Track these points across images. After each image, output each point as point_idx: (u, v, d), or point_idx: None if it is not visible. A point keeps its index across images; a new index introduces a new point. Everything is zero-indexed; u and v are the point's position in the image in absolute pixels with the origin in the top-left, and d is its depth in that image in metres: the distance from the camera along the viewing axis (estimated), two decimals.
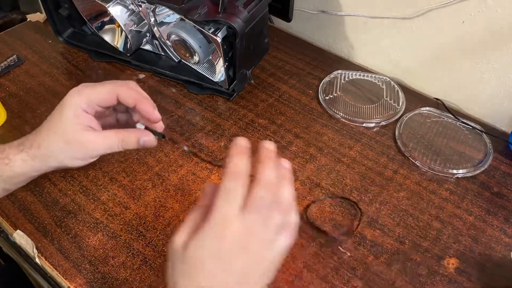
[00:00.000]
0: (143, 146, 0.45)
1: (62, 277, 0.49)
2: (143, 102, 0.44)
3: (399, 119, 0.69)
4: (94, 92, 0.44)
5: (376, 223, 0.56)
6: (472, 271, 0.52)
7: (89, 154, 0.45)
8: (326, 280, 0.50)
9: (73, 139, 0.44)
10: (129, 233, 0.53)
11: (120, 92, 0.44)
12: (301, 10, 0.84)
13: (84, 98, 0.44)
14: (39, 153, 0.45)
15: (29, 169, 0.46)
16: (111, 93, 0.44)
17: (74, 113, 0.44)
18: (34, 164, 0.45)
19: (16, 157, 0.45)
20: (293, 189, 0.37)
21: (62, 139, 0.44)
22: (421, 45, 0.73)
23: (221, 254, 0.32)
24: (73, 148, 0.44)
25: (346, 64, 0.81)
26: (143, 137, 0.45)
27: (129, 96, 0.44)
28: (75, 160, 0.46)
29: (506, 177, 0.62)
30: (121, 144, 0.45)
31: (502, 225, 0.56)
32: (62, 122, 0.44)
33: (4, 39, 0.82)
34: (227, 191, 0.34)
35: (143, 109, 0.44)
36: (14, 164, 0.45)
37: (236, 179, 0.35)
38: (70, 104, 0.44)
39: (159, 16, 0.69)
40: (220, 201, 0.34)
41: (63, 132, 0.44)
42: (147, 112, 0.44)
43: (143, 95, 0.46)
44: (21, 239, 0.52)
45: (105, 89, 0.45)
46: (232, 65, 0.66)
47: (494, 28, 0.63)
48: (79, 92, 0.44)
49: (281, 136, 0.66)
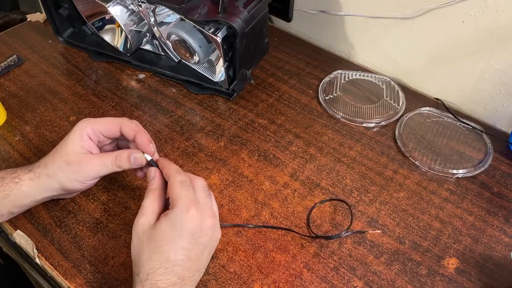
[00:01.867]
0: (134, 163, 0.49)
1: (62, 277, 0.49)
2: (142, 135, 0.49)
3: (399, 119, 0.69)
4: (100, 122, 0.50)
5: (376, 223, 0.56)
6: (472, 271, 0.52)
7: (86, 174, 0.49)
8: (326, 280, 0.50)
9: (72, 160, 0.48)
10: (129, 233, 0.53)
11: (123, 125, 0.49)
12: (301, 10, 0.84)
13: (90, 124, 0.49)
14: (43, 172, 0.49)
15: (35, 190, 0.49)
16: (116, 124, 0.50)
17: (79, 137, 0.49)
18: (39, 182, 0.49)
19: (25, 176, 0.49)
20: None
21: (63, 159, 0.49)
22: (421, 45, 0.73)
23: (186, 232, 0.42)
24: (71, 168, 0.49)
25: (346, 64, 0.81)
26: (133, 154, 0.49)
27: (130, 128, 0.49)
28: (74, 182, 0.50)
29: (506, 177, 0.62)
30: (115, 161, 0.49)
31: (502, 225, 0.56)
32: (67, 145, 0.49)
33: (4, 39, 0.82)
34: (182, 183, 0.44)
35: (140, 141, 0.49)
36: (24, 183, 0.49)
37: (182, 173, 0.45)
38: (77, 129, 0.49)
39: (159, 16, 0.69)
40: (180, 190, 0.43)
41: (65, 153, 0.49)
42: (143, 144, 0.48)
43: (142, 129, 0.50)
44: (21, 239, 0.52)
45: (110, 121, 0.50)
46: (232, 65, 0.66)
47: (494, 28, 0.63)
48: (87, 120, 0.50)
49: (281, 136, 0.66)
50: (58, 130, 0.65)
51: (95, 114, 0.68)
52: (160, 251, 0.41)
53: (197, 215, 0.42)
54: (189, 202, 0.43)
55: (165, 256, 0.41)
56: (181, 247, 0.42)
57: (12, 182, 0.49)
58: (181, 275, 0.42)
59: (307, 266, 0.51)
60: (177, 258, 0.41)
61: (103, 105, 0.70)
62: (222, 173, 0.61)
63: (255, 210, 0.56)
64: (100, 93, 0.72)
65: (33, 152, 0.62)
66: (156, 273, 0.40)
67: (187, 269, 0.42)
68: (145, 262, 0.41)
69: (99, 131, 0.50)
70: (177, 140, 0.65)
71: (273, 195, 0.58)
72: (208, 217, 0.44)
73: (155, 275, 0.40)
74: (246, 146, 0.65)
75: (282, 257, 0.52)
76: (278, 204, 0.57)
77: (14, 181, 0.49)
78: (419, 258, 0.53)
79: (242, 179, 0.60)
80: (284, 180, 0.60)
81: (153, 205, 0.44)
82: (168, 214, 0.42)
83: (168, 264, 0.41)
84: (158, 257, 0.41)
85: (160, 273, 0.40)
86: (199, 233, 0.43)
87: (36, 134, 0.65)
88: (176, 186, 0.44)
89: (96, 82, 0.74)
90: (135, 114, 0.68)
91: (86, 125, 0.49)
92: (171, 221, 0.42)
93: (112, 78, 0.75)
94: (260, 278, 0.50)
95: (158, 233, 0.42)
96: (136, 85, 0.74)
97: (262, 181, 0.60)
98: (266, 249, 0.52)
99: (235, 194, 0.58)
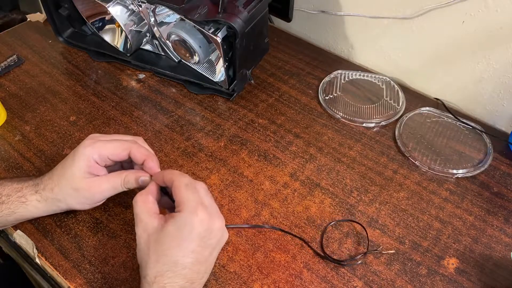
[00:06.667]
0: (141, 185, 0.48)
1: (62, 277, 0.49)
2: (152, 159, 0.48)
3: (399, 119, 0.69)
4: (108, 147, 0.48)
5: (376, 223, 0.56)
6: (472, 271, 0.52)
7: (96, 198, 0.50)
8: (326, 280, 0.50)
9: (81, 187, 0.48)
10: (129, 233, 0.53)
11: (132, 150, 0.49)
12: (301, 10, 0.84)
13: (97, 150, 0.48)
14: (51, 196, 0.49)
15: (42, 210, 0.50)
16: (125, 149, 0.49)
17: (86, 163, 0.48)
18: (47, 205, 0.49)
19: (32, 197, 0.49)
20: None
21: (71, 186, 0.48)
22: (421, 45, 0.73)
23: (196, 235, 0.41)
24: (81, 194, 0.48)
25: (346, 64, 0.81)
26: (141, 177, 0.48)
27: (140, 153, 0.48)
28: (84, 204, 0.50)
29: (506, 177, 0.62)
30: (124, 183, 0.49)
31: (502, 225, 0.56)
32: (73, 172, 0.48)
33: (4, 39, 0.82)
34: (187, 186, 0.43)
35: (150, 166, 0.48)
36: (30, 204, 0.49)
37: (187, 176, 0.45)
38: (84, 154, 0.48)
39: (159, 16, 0.69)
40: (186, 193, 0.43)
41: (73, 180, 0.48)
42: (151, 169, 0.48)
43: (151, 152, 0.50)
44: (21, 239, 0.52)
45: (119, 146, 0.49)
46: (232, 65, 0.66)
47: (494, 28, 0.63)
48: (93, 145, 0.48)
49: (281, 136, 0.66)
50: (58, 130, 0.65)
51: (95, 114, 0.68)
52: (168, 254, 0.40)
53: (205, 217, 0.42)
54: (196, 204, 0.42)
55: (173, 259, 0.40)
56: (191, 250, 0.41)
57: (18, 201, 0.48)
58: (190, 278, 0.41)
59: (307, 266, 0.51)
60: (186, 262, 0.41)
61: (103, 105, 0.70)
62: (222, 173, 0.61)
63: (255, 210, 0.56)
64: (100, 93, 0.72)
65: (33, 152, 0.62)
66: (164, 276, 0.40)
67: (195, 272, 0.42)
68: (153, 265, 0.41)
69: (106, 156, 0.48)
70: (177, 140, 0.65)
71: (273, 195, 0.58)
72: (216, 218, 0.43)
73: (163, 278, 0.40)
74: (246, 146, 0.65)
75: (282, 257, 0.52)
76: (278, 204, 0.57)
77: (20, 200, 0.48)
78: (419, 258, 0.53)
79: (242, 179, 0.60)
80: (284, 180, 0.60)
81: (147, 209, 0.43)
82: (175, 217, 0.42)
83: (177, 268, 0.40)
84: (165, 260, 0.40)
85: (168, 276, 0.40)
86: (208, 236, 0.42)
87: (36, 134, 0.65)
88: (181, 188, 0.43)
89: (96, 82, 0.74)
90: (135, 114, 0.68)
91: (93, 151, 0.48)
92: (179, 224, 0.41)
93: (112, 78, 0.75)
94: (260, 278, 0.50)
95: (166, 236, 0.41)
96: (136, 85, 0.74)
97: (262, 181, 0.60)
98: (266, 249, 0.52)
99: (235, 194, 0.58)
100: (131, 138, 0.51)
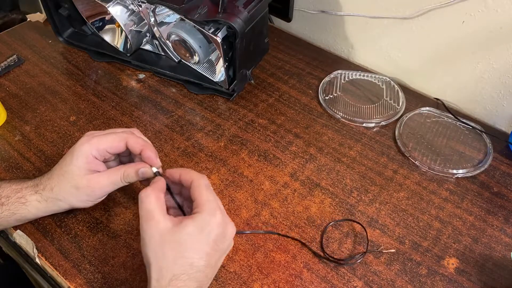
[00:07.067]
0: (142, 177, 0.48)
1: (62, 277, 0.49)
2: (149, 149, 0.48)
3: (399, 119, 0.69)
4: (105, 140, 0.48)
5: (376, 223, 0.56)
6: (472, 271, 0.52)
7: (97, 195, 0.49)
8: (326, 280, 0.50)
9: (81, 184, 0.48)
10: (129, 233, 0.53)
11: (129, 140, 0.48)
12: (301, 10, 0.84)
13: (95, 145, 0.48)
14: (51, 196, 0.49)
15: (43, 210, 0.50)
16: (121, 140, 0.48)
17: (85, 160, 0.48)
18: (48, 205, 0.49)
19: (32, 198, 0.49)
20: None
21: (72, 185, 0.48)
22: (421, 45, 0.73)
23: (212, 237, 0.41)
24: (82, 192, 0.48)
25: (346, 64, 0.81)
26: (141, 169, 0.48)
27: (136, 143, 0.48)
28: (85, 202, 0.50)
29: (506, 177, 0.62)
30: (123, 178, 0.48)
31: (502, 225, 0.56)
32: (73, 170, 0.48)
33: (4, 39, 0.82)
34: (208, 187, 0.43)
35: (148, 156, 0.48)
36: (30, 204, 0.49)
37: (205, 177, 0.44)
38: (81, 152, 0.48)
39: (159, 16, 0.69)
40: (208, 194, 0.42)
41: (72, 178, 0.48)
42: (150, 158, 0.48)
43: (148, 142, 0.50)
44: (21, 239, 0.52)
45: (116, 138, 0.48)
46: (232, 65, 0.66)
47: (494, 28, 0.63)
48: (89, 141, 0.48)
49: (281, 136, 0.66)
50: (58, 130, 0.65)
51: (95, 114, 0.68)
52: (186, 255, 0.40)
53: (222, 221, 0.42)
54: (216, 207, 0.42)
55: (190, 261, 0.40)
56: (205, 253, 0.41)
57: (18, 202, 0.48)
58: (201, 281, 0.41)
59: (307, 266, 0.51)
60: (200, 264, 0.40)
61: (103, 105, 0.70)
62: (222, 173, 0.61)
63: (255, 210, 0.56)
64: (100, 93, 0.72)
65: (33, 152, 0.62)
66: (179, 279, 0.39)
67: (205, 276, 0.41)
68: (170, 267, 0.39)
69: (104, 149, 0.48)
70: (177, 140, 0.65)
71: (273, 195, 0.58)
72: (229, 224, 0.43)
73: (178, 281, 0.39)
74: (246, 146, 0.65)
75: (282, 257, 0.52)
76: (278, 204, 0.57)
77: (20, 201, 0.48)
78: (419, 258, 0.53)
79: (242, 179, 0.60)
80: (284, 180, 0.60)
81: (160, 206, 0.42)
82: (195, 218, 0.41)
83: (192, 270, 0.40)
84: (183, 262, 0.40)
85: (183, 279, 0.39)
86: (221, 239, 0.42)
87: (36, 134, 0.65)
88: (202, 189, 0.42)
89: (96, 82, 0.74)
90: (135, 114, 0.68)
91: (91, 147, 0.47)
92: (199, 225, 0.40)
93: (112, 78, 0.75)
94: (260, 278, 0.50)
95: (185, 236, 0.40)
96: (136, 85, 0.74)
97: (262, 181, 0.60)
98: (266, 249, 0.52)
99: (235, 194, 0.58)
100: (127, 130, 0.51)
